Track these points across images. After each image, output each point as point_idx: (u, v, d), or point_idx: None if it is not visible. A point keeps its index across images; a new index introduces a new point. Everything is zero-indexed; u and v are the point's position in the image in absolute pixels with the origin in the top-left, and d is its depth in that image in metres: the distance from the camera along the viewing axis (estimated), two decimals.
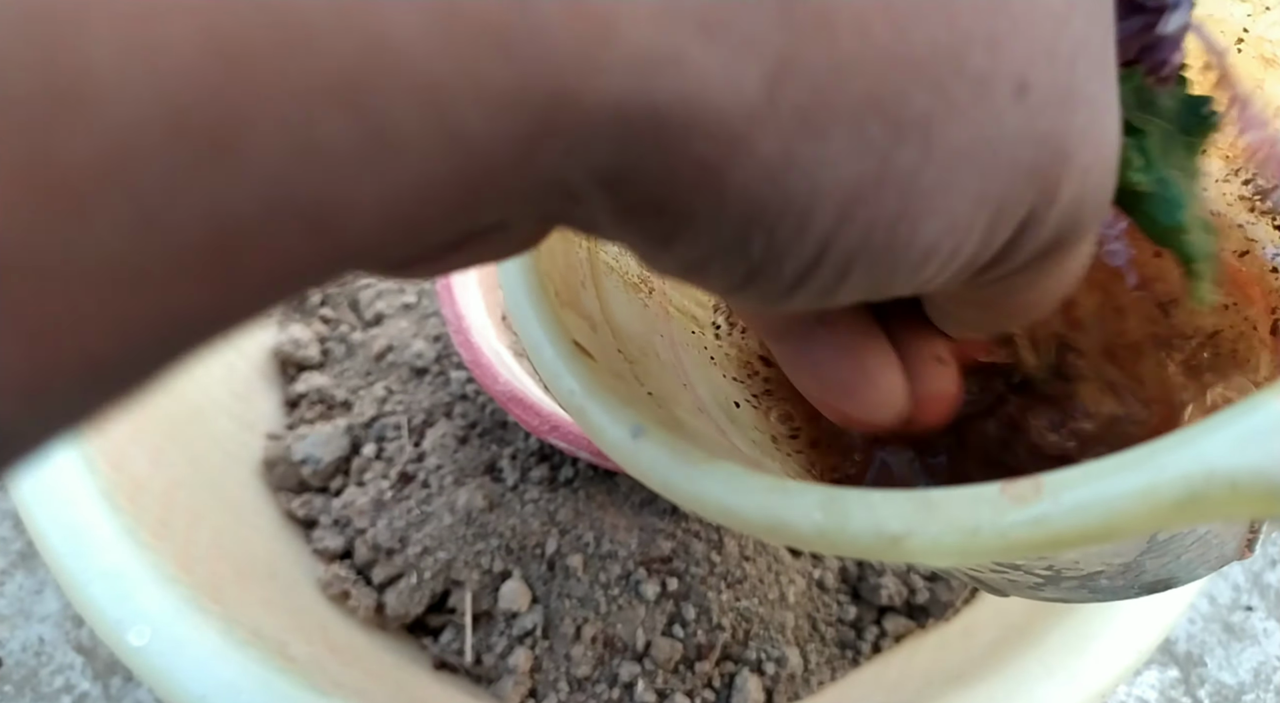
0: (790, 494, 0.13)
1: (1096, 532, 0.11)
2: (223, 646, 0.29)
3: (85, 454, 0.32)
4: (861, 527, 0.12)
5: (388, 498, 0.38)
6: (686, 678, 0.35)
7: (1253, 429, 0.10)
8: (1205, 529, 0.17)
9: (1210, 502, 0.10)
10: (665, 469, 0.14)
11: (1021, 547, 0.11)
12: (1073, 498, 0.11)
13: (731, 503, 0.13)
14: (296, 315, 0.46)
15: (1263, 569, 0.47)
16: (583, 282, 0.19)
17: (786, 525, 0.13)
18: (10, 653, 0.44)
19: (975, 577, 0.21)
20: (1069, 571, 0.18)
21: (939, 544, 0.12)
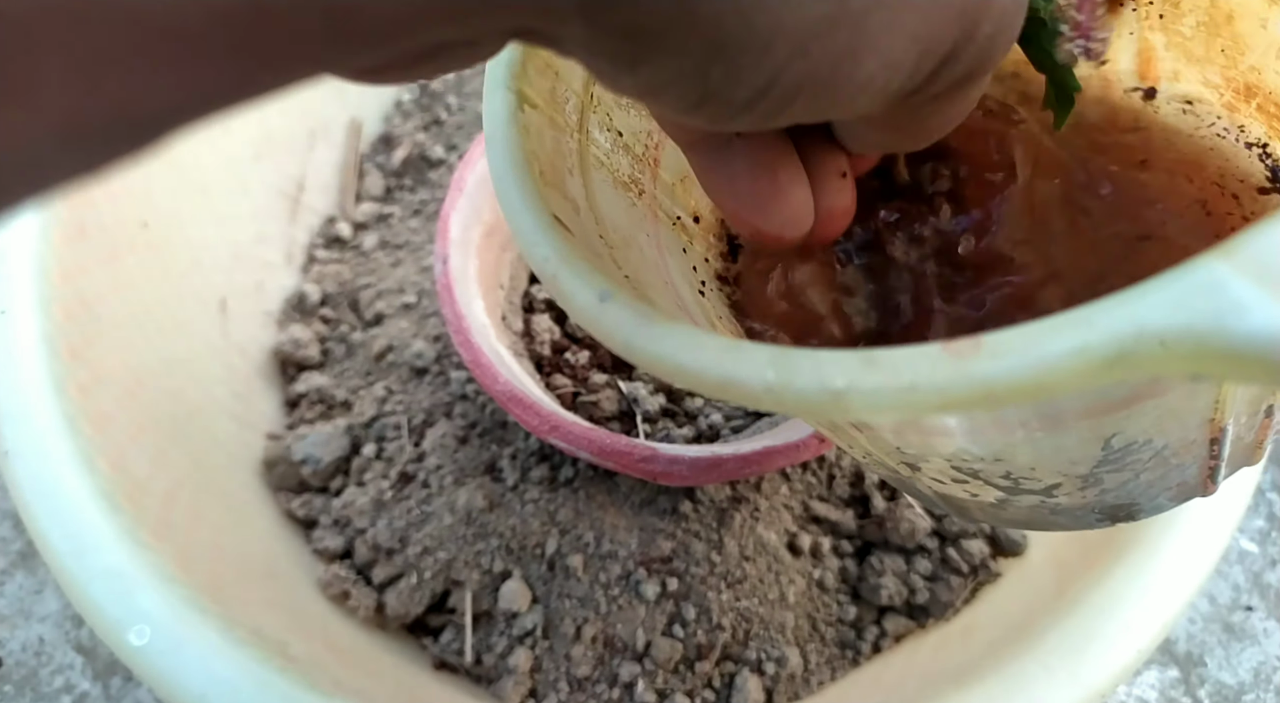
0: (742, 353, 0.13)
1: (1029, 387, 0.11)
2: (223, 645, 0.29)
3: (85, 454, 0.32)
4: (807, 382, 0.13)
5: (388, 498, 0.38)
6: (686, 678, 0.35)
7: (1184, 290, 0.11)
8: (1163, 443, 0.17)
9: (1139, 359, 0.11)
10: (627, 330, 0.14)
11: (959, 401, 0.12)
12: (1009, 355, 0.11)
13: (686, 361, 0.14)
14: (296, 316, 0.46)
15: (1263, 569, 0.47)
16: (570, 169, 0.19)
17: (737, 382, 0.13)
18: (10, 653, 0.44)
19: (941, 494, 0.21)
20: (1027, 481, 0.19)
21: (879, 398, 0.12)
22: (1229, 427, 0.17)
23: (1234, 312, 0.10)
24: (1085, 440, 0.17)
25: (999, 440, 0.17)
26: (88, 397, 0.34)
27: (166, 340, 0.39)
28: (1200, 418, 0.17)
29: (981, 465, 0.18)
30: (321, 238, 0.49)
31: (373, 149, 0.53)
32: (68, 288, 0.35)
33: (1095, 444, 0.17)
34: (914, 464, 0.20)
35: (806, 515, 0.38)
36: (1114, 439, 0.17)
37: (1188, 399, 0.16)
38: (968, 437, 0.17)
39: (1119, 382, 0.11)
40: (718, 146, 0.18)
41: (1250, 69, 0.23)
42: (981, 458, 0.18)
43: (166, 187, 0.41)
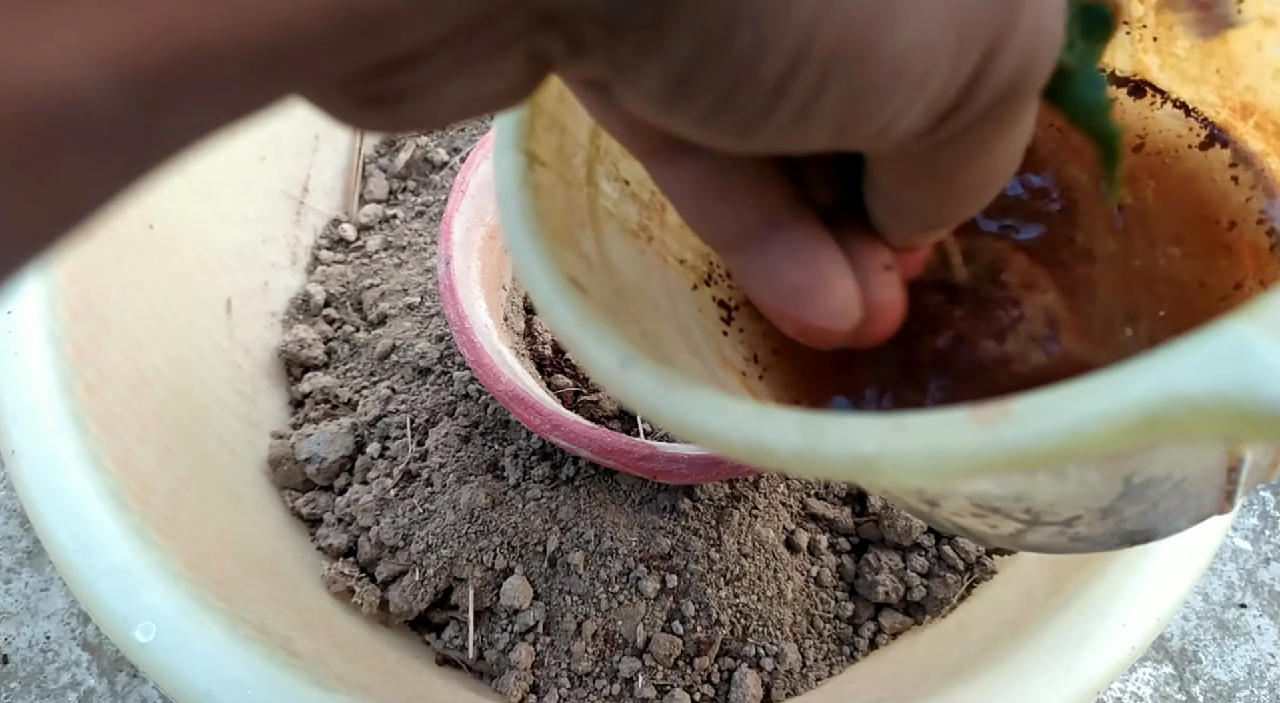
0: (770, 418, 0.13)
1: (1057, 452, 0.11)
2: (228, 642, 0.29)
3: (92, 452, 0.32)
4: (836, 448, 0.13)
5: (391, 496, 0.38)
6: (686, 673, 0.35)
7: (1213, 354, 0.11)
8: (1181, 476, 0.17)
9: (1169, 424, 0.11)
10: (652, 395, 0.14)
11: (987, 466, 0.12)
12: (1036, 420, 0.11)
13: (714, 426, 0.14)
14: (301, 316, 0.46)
15: (1256, 567, 0.47)
16: (581, 224, 0.19)
17: (765, 447, 0.13)
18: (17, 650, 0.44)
19: (960, 525, 0.21)
20: (1047, 514, 0.19)
21: (909, 464, 0.12)
22: (1247, 455, 0.18)
23: (1263, 376, 0.11)
24: (1107, 480, 0.17)
25: (1020, 483, 0.17)
26: (94, 396, 0.34)
27: (172, 341, 0.40)
28: (1220, 450, 0.17)
29: (1002, 503, 0.18)
30: (326, 239, 0.50)
31: (376, 152, 0.53)
32: (74, 288, 0.36)
33: (1116, 482, 0.17)
34: (934, 502, 0.20)
35: (804, 513, 0.38)
36: (1134, 477, 0.17)
37: None
38: (990, 481, 0.17)
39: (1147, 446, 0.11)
40: (757, 242, 0.17)
41: (1246, 89, 0.24)
42: (1002, 497, 0.18)
43: (172, 189, 0.42)
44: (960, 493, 0.18)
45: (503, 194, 0.17)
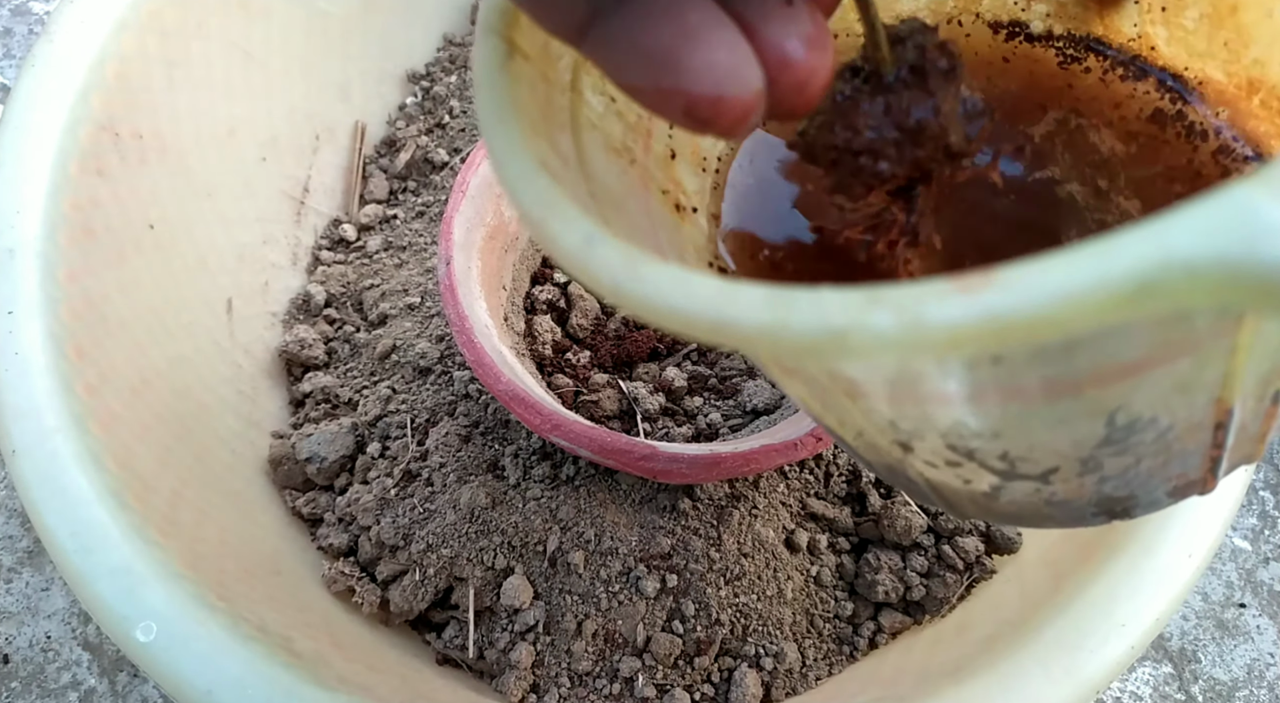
0: (737, 292, 0.12)
1: (1045, 320, 0.11)
2: (228, 641, 0.29)
3: (93, 452, 0.32)
4: (806, 321, 0.12)
5: (392, 496, 0.38)
6: (686, 673, 0.35)
7: (1214, 217, 0.10)
8: (1168, 423, 0.17)
9: (1165, 289, 0.10)
10: (615, 272, 0.13)
11: (969, 337, 0.11)
12: (1021, 287, 0.11)
13: (678, 302, 0.13)
14: (302, 316, 0.46)
15: (1255, 566, 0.47)
16: (560, 126, 0.19)
17: (731, 323, 0.12)
18: (17, 649, 0.44)
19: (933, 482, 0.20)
20: (1024, 463, 0.18)
21: (883, 336, 0.11)
22: (1235, 410, 0.17)
23: (1267, 236, 0.10)
24: (1089, 414, 0.16)
25: (998, 412, 0.16)
26: (95, 396, 0.34)
27: (173, 341, 0.40)
28: (1208, 395, 0.16)
29: (978, 444, 0.17)
30: (326, 240, 0.50)
31: (376, 152, 0.53)
32: (74, 289, 0.36)
33: (1099, 420, 0.16)
34: (907, 444, 0.19)
35: (804, 513, 0.38)
36: (1118, 415, 0.16)
37: (1197, 371, 0.15)
38: (968, 404, 0.16)
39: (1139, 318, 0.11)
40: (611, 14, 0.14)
41: (1254, 63, 0.23)
42: (979, 433, 0.17)
43: (173, 189, 0.42)
44: (936, 427, 0.17)
45: (478, 79, 0.16)
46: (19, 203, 0.36)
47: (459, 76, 0.55)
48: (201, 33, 0.44)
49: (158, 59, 0.41)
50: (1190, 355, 0.15)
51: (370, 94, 0.54)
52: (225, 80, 0.45)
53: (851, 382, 0.17)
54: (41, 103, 0.37)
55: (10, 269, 0.35)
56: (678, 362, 0.44)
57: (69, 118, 0.37)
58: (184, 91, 0.43)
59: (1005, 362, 0.14)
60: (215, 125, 0.45)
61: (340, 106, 0.52)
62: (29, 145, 0.37)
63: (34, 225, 0.35)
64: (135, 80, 0.40)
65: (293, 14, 0.49)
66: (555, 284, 0.46)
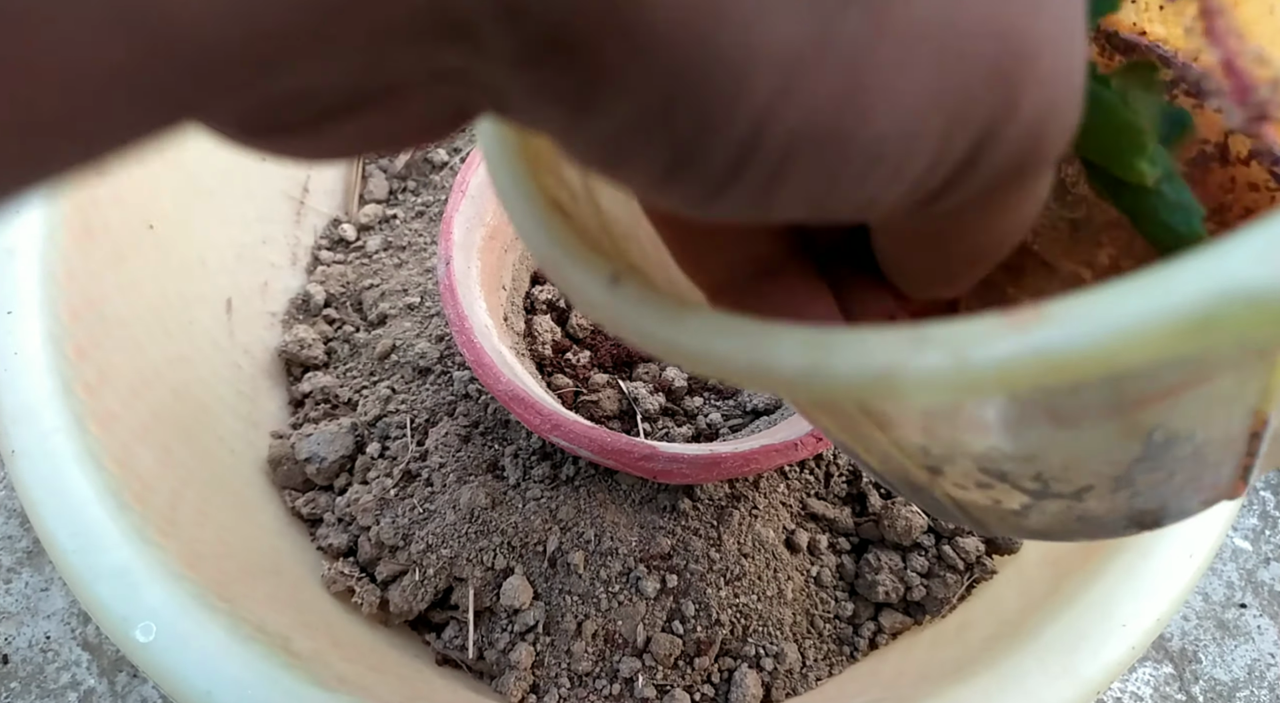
0: (773, 334, 0.12)
1: (1099, 359, 0.10)
2: (228, 641, 0.29)
3: (92, 452, 0.32)
4: (847, 363, 0.11)
5: (391, 496, 0.38)
6: (686, 673, 0.35)
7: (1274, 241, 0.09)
8: (1204, 438, 0.16)
9: (1227, 321, 0.09)
10: (642, 316, 0.13)
11: (1019, 376, 0.10)
12: (1076, 322, 0.10)
13: (711, 346, 0.12)
14: (301, 316, 0.46)
15: (1256, 567, 0.47)
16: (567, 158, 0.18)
17: (767, 366, 0.12)
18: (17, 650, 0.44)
19: (960, 502, 0.20)
20: (1058, 483, 0.17)
21: (930, 377, 0.11)
22: (1272, 418, 0.16)
23: None
24: (1126, 434, 0.15)
25: (1034, 436, 0.16)
26: (94, 396, 0.34)
27: (172, 341, 0.40)
28: (1246, 408, 0.16)
29: (1011, 466, 0.17)
30: (326, 239, 0.50)
31: None
32: (74, 288, 0.36)
33: (1137, 439, 0.15)
34: (937, 468, 0.18)
35: (804, 513, 0.38)
36: (1156, 433, 0.15)
37: (1238, 386, 0.15)
38: (1004, 432, 0.15)
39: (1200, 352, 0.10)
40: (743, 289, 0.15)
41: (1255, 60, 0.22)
42: (1013, 457, 0.16)
43: (172, 189, 0.42)
44: (968, 452, 0.17)
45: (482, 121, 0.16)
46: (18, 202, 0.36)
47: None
48: None
49: None
50: (1232, 373, 0.14)
51: None
52: None
53: (884, 415, 0.16)
54: None
55: (10, 269, 0.35)
56: None
57: None
58: None
59: (1048, 389, 0.14)
60: None
61: None
62: None
63: (34, 225, 0.36)
64: None
65: None
66: None
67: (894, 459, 0.19)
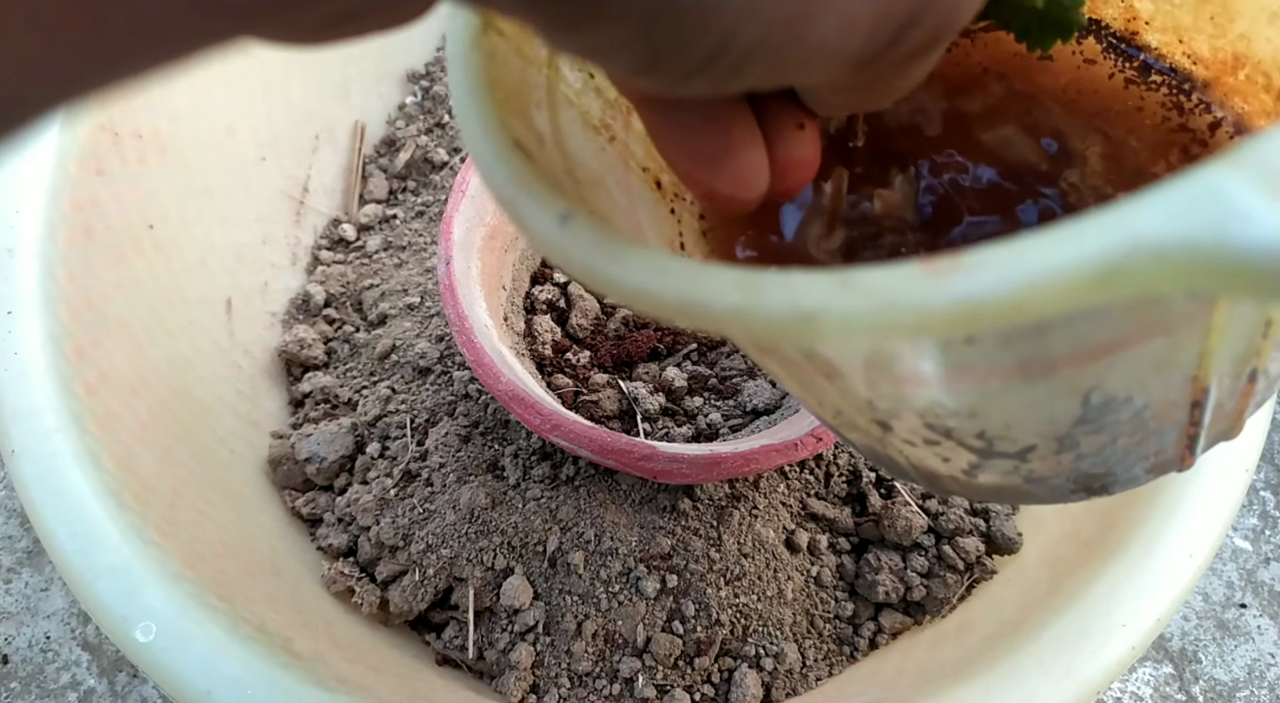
0: (708, 275, 0.13)
1: (1012, 305, 0.11)
2: (228, 641, 0.29)
3: (92, 452, 0.32)
4: (776, 304, 0.12)
5: (391, 496, 0.38)
6: (686, 673, 0.35)
7: (1183, 200, 0.10)
8: (1143, 401, 0.16)
9: (1133, 274, 0.10)
10: (588, 253, 0.14)
11: (937, 322, 0.11)
12: (990, 271, 0.11)
13: (649, 284, 0.13)
14: (301, 316, 0.46)
15: (1256, 567, 0.47)
16: (537, 103, 0.19)
17: (701, 305, 0.12)
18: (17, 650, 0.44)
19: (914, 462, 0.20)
20: (1001, 442, 0.18)
21: (853, 319, 0.11)
22: (1211, 389, 0.17)
23: (1237, 220, 0.10)
24: (1064, 394, 0.16)
25: (973, 391, 0.16)
26: (94, 396, 0.34)
27: (172, 341, 0.40)
28: (1183, 374, 0.16)
29: (955, 423, 0.17)
30: (326, 239, 0.50)
31: (376, 152, 0.53)
32: (74, 289, 0.36)
33: (1074, 399, 0.16)
34: (885, 423, 0.19)
35: (804, 513, 0.38)
36: (1093, 395, 0.16)
37: (1172, 351, 0.15)
38: (943, 385, 0.16)
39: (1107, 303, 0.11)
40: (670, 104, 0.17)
41: (1240, 38, 0.23)
42: (955, 413, 0.17)
43: (172, 189, 0.42)
44: (912, 407, 0.17)
45: (452, 53, 0.17)
46: (18, 203, 0.36)
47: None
48: None
49: None
50: (1164, 336, 0.15)
51: (370, 94, 0.54)
52: (224, 80, 0.45)
53: (827, 362, 0.17)
54: None
55: (10, 269, 0.35)
56: (678, 362, 0.44)
57: (68, 117, 0.37)
58: (184, 91, 0.43)
59: (979, 343, 0.14)
60: (215, 125, 0.45)
61: (340, 106, 0.52)
62: (28, 145, 0.37)
63: (34, 225, 0.35)
64: None
65: None
66: (555, 284, 0.46)
67: (846, 413, 0.20)
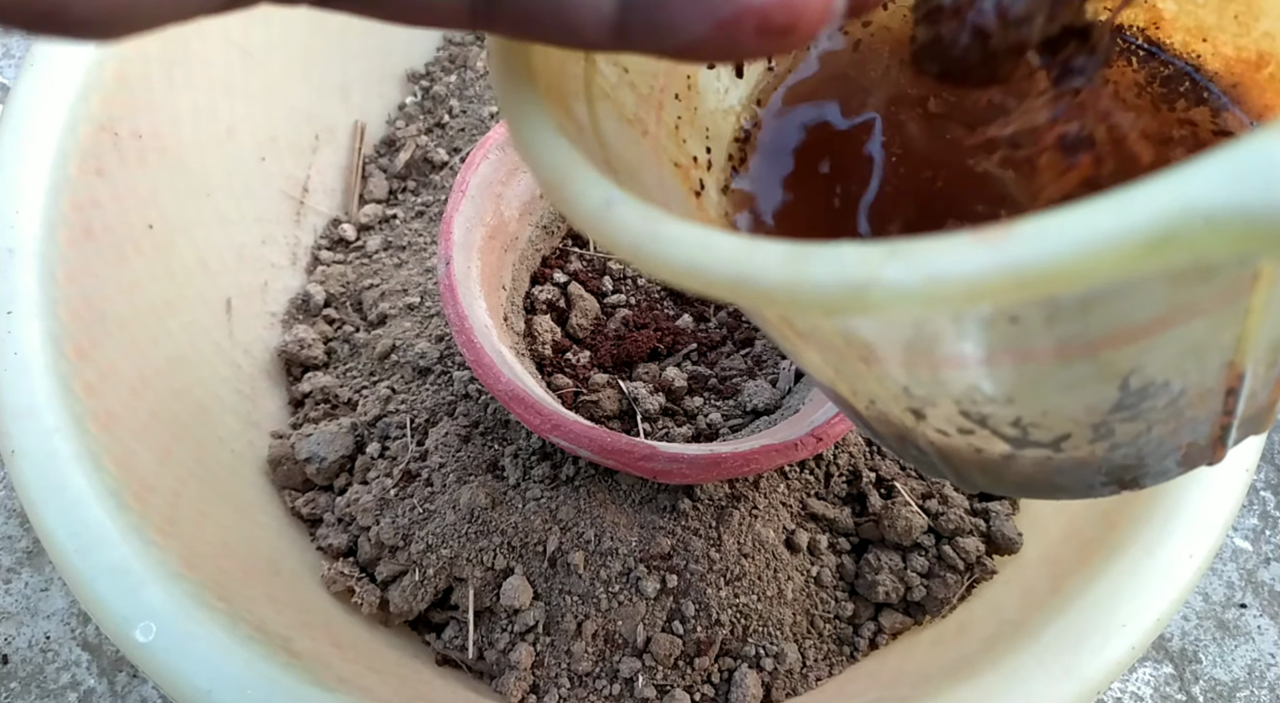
0: (756, 249, 0.13)
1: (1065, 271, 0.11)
2: (228, 641, 0.29)
3: (92, 452, 0.32)
4: (825, 275, 0.12)
5: (391, 496, 0.38)
6: (686, 673, 0.35)
7: (1235, 166, 0.10)
8: (1180, 387, 0.17)
9: (1186, 238, 0.10)
10: (635, 232, 0.14)
11: (989, 290, 0.11)
12: (1043, 237, 0.11)
13: (697, 260, 0.13)
14: (301, 316, 0.46)
15: (1256, 567, 0.47)
16: (574, 94, 0.19)
17: (751, 280, 0.12)
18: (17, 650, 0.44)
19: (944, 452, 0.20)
20: (1036, 430, 0.18)
21: (904, 289, 0.11)
22: (1247, 375, 0.17)
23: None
24: (1103, 377, 0.16)
25: (1013, 375, 0.16)
26: (94, 396, 0.34)
27: (172, 341, 0.40)
28: (1221, 359, 0.16)
29: (992, 409, 0.18)
30: (326, 239, 0.50)
31: (376, 152, 0.53)
32: (74, 289, 0.36)
33: (1113, 383, 0.16)
34: (920, 411, 0.19)
35: (804, 513, 0.38)
36: (1132, 379, 0.16)
37: (1211, 333, 0.15)
38: (983, 367, 0.16)
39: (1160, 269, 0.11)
40: None
41: (1264, 35, 0.23)
42: (993, 399, 0.17)
43: (172, 189, 0.42)
44: (950, 393, 0.17)
45: (492, 46, 0.17)
46: (19, 203, 0.36)
47: (459, 76, 0.55)
48: (201, 32, 0.44)
49: (157, 59, 0.41)
50: (1205, 317, 0.15)
51: (370, 94, 0.54)
52: (225, 80, 0.45)
53: (867, 346, 0.17)
54: (41, 103, 0.37)
55: (10, 269, 0.35)
56: (678, 362, 0.44)
57: (68, 118, 0.37)
58: (184, 91, 0.43)
59: (1022, 322, 0.15)
60: (215, 125, 0.45)
61: (340, 106, 0.52)
62: (29, 145, 0.37)
63: (34, 225, 0.35)
64: (135, 80, 0.40)
65: (292, 14, 0.49)
66: (555, 284, 0.46)
67: (880, 402, 0.19)
